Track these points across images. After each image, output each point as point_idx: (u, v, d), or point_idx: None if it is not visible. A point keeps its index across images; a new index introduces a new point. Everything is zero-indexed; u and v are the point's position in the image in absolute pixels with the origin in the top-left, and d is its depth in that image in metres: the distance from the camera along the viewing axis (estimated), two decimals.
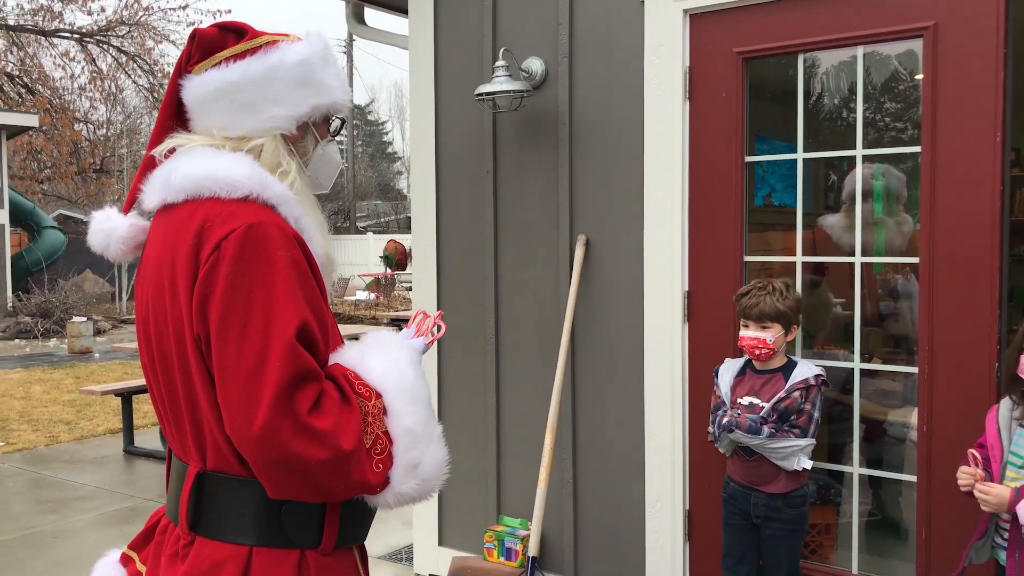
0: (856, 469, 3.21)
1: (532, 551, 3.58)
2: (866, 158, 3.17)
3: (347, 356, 1.47)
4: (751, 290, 2.96)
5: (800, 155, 3.21)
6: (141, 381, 7.37)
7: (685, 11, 3.30)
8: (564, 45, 3.59)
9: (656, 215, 3.39)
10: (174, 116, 1.58)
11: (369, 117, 41.05)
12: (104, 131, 23.93)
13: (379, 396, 1.43)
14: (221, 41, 1.55)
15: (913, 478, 3.03)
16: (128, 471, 6.39)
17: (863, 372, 3.19)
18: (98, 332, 14.80)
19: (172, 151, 1.53)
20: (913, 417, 3.51)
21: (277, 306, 1.34)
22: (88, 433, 7.55)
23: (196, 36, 1.55)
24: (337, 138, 1.68)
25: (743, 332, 2.96)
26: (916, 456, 3.04)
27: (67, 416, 8.21)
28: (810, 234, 3.73)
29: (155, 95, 22.44)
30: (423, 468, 1.45)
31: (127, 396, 6.94)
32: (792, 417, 2.85)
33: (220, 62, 1.52)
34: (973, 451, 2.43)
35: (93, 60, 22.08)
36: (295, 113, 1.53)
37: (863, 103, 3.08)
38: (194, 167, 1.45)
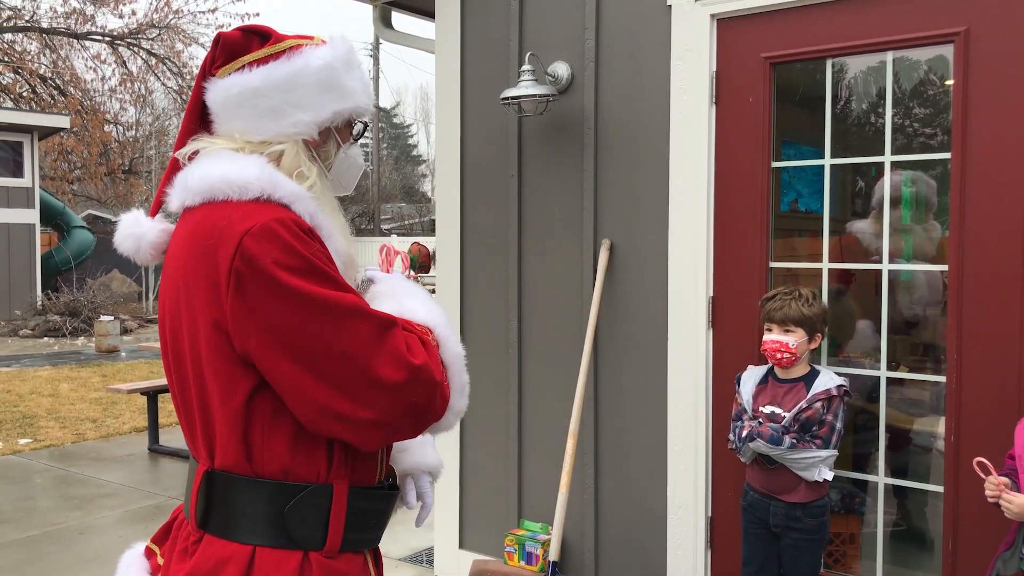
0: (881, 479, 3.17)
1: (553, 556, 3.58)
2: (895, 164, 3.14)
3: (388, 306, 1.53)
4: (777, 294, 2.95)
5: (828, 161, 3.18)
6: (166, 380, 7.44)
7: (712, 16, 3.29)
8: (590, 49, 3.59)
9: (681, 220, 3.38)
10: (199, 119, 1.59)
11: (395, 120, 41.25)
12: (133, 132, 24.23)
13: (430, 331, 1.52)
14: (245, 45, 1.54)
15: (939, 488, 2.99)
16: (153, 469, 6.46)
17: (889, 381, 3.15)
18: (125, 331, 14.97)
19: (195, 154, 1.55)
20: (940, 426, 3.47)
21: (321, 287, 1.37)
22: (114, 431, 7.63)
23: (220, 39, 1.55)
24: (360, 141, 1.68)
25: (766, 336, 2.94)
26: (942, 466, 3.00)
27: (94, 414, 8.31)
28: (837, 240, 3.69)
29: (183, 97, 22.70)
30: (468, 388, 1.58)
31: (152, 395, 7.01)
32: (814, 428, 2.83)
33: (243, 66, 1.52)
34: (981, 460, 2.41)
35: (123, 62, 22.38)
36: (317, 119, 1.53)
37: (892, 109, 3.05)
38: (209, 170, 1.46)
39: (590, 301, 3.57)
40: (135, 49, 22.32)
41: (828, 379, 2.89)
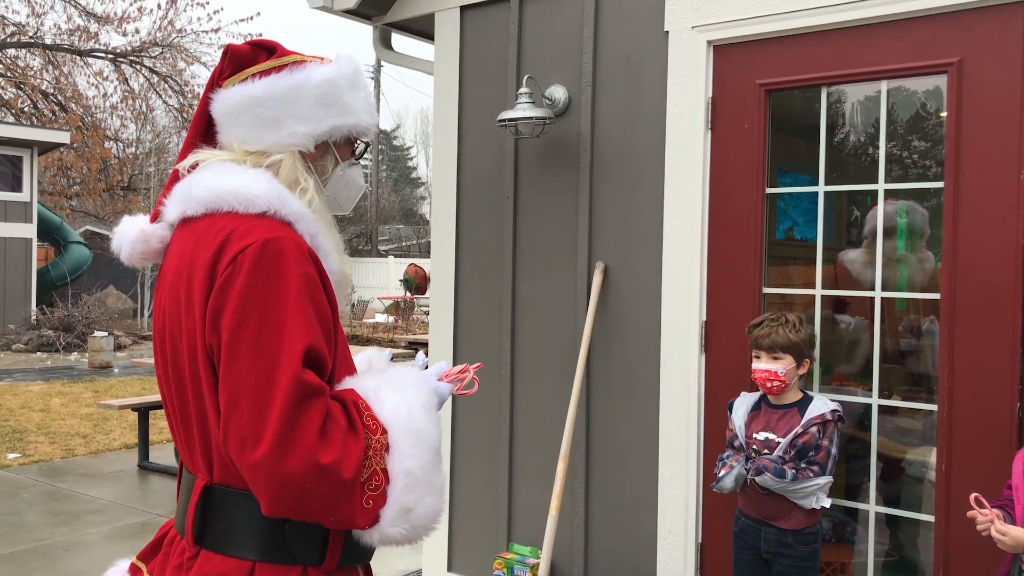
0: (872, 507, 3.16)
1: None
2: (889, 193, 3.15)
3: (362, 384, 1.46)
4: (764, 321, 2.95)
5: (822, 188, 3.20)
6: (158, 397, 7.40)
7: (709, 42, 3.32)
8: (587, 73, 3.61)
9: (675, 244, 3.38)
10: (203, 130, 1.62)
11: (395, 142, 41.43)
12: (133, 149, 24.30)
13: (385, 432, 1.41)
14: (252, 57, 1.58)
15: (930, 518, 2.97)
16: (142, 486, 6.41)
17: (881, 409, 3.15)
18: (119, 347, 14.92)
19: (195, 166, 1.56)
20: (931, 456, 3.46)
21: (288, 323, 1.34)
22: (104, 447, 7.59)
23: (229, 52, 1.59)
24: (361, 161, 1.69)
25: (755, 364, 2.93)
26: (932, 495, 2.98)
27: (84, 430, 8.26)
28: (831, 269, 3.70)
29: (184, 115, 22.79)
30: (416, 515, 1.41)
31: (144, 411, 6.97)
32: (811, 453, 2.82)
33: (248, 77, 1.55)
34: (977, 495, 2.40)
35: (126, 80, 22.49)
36: (314, 131, 1.55)
37: (886, 138, 3.07)
38: (215, 181, 1.47)
39: (583, 324, 3.56)
40: (137, 67, 22.45)
41: (822, 404, 2.88)
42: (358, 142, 1.66)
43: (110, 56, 22.08)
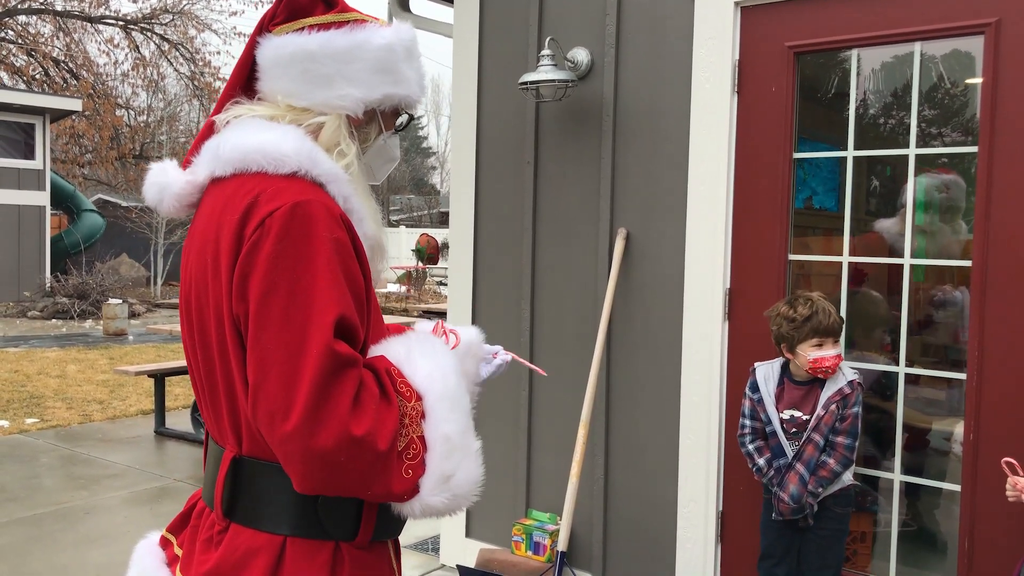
0: (897, 476, 3.13)
1: (561, 546, 3.54)
2: (920, 158, 3.09)
3: (393, 350, 1.40)
4: (817, 308, 2.80)
5: (851, 153, 3.14)
6: (174, 363, 7.43)
7: (736, 3, 3.24)
8: (611, 35, 3.54)
9: (699, 210, 3.33)
10: (244, 78, 1.52)
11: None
12: (145, 117, 24.25)
13: (420, 399, 1.36)
14: (309, 7, 1.49)
15: (955, 487, 2.95)
16: (159, 451, 6.45)
17: (906, 380, 3.11)
18: (133, 315, 14.98)
19: (228, 123, 1.49)
20: (957, 428, 3.42)
21: (318, 292, 1.27)
22: (120, 413, 7.63)
23: None
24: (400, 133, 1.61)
25: (820, 353, 2.80)
26: (958, 466, 2.95)
27: (100, 396, 8.31)
28: (860, 239, 3.65)
29: (195, 83, 22.70)
30: (456, 481, 1.36)
31: (160, 377, 7.00)
32: (836, 424, 2.80)
33: (303, 28, 1.46)
34: (1010, 460, 2.36)
35: (137, 47, 22.39)
36: (367, 97, 1.47)
37: (919, 103, 3.00)
38: (243, 139, 1.40)
39: (605, 291, 3.53)
40: (148, 34, 22.33)
41: (840, 376, 2.85)
42: (403, 113, 1.57)
43: (121, 23, 21.96)
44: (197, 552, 1.43)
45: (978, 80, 2.89)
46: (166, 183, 1.51)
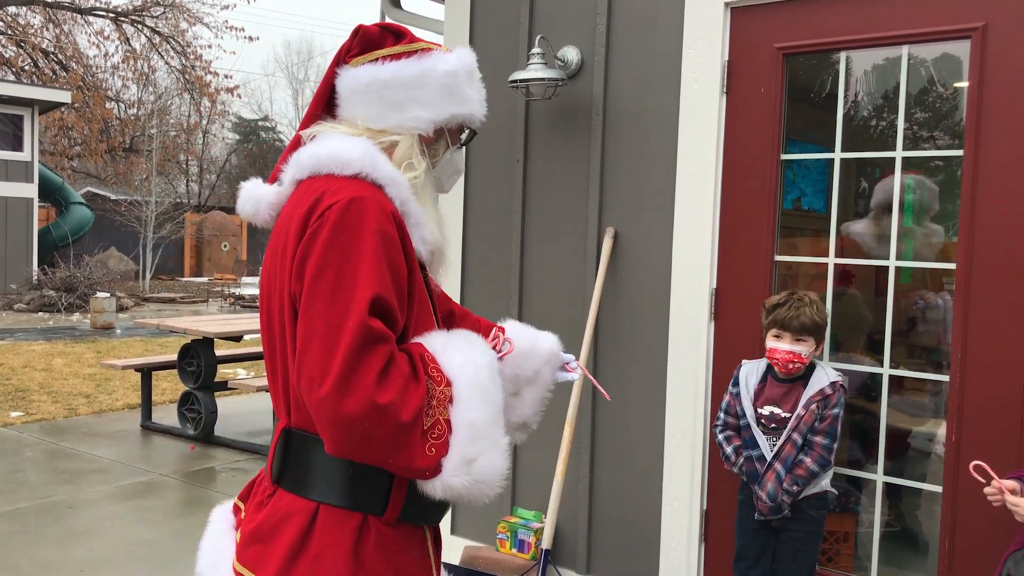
0: (880, 477, 3.15)
1: (546, 544, 3.55)
2: (906, 161, 3.10)
3: (431, 340, 1.53)
4: (788, 301, 2.86)
5: (838, 154, 3.15)
6: (161, 357, 7.41)
7: (726, 4, 3.25)
8: (601, 34, 3.55)
9: (687, 209, 3.34)
10: (325, 102, 1.70)
11: None
12: (135, 110, 24.14)
13: (449, 384, 1.48)
14: (381, 40, 1.67)
15: (936, 488, 2.97)
16: (145, 446, 6.43)
17: (889, 382, 3.12)
18: (121, 309, 14.92)
19: (313, 137, 1.66)
20: (938, 428, 3.45)
21: (361, 274, 1.42)
22: (107, 407, 7.60)
23: (360, 32, 1.67)
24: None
25: (776, 344, 2.87)
26: (940, 467, 2.97)
27: (87, 389, 8.27)
28: (839, 240, 3.67)
29: (187, 76, 22.60)
30: (478, 467, 1.45)
31: (147, 372, 6.98)
32: (816, 424, 2.82)
33: (377, 59, 1.64)
34: (979, 463, 2.39)
35: (127, 39, 22.27)
36: (436, 118, 1.64)
37: (905, 106, 3.02)
38: (320, 148, 1.57)
39: (592, 289, 3.53)
40: (139, 27, 22.22)
41: (823, 376, 2.86)
42: (467, 129, 1.75)
43: (111, 15, 21.84)
44: (248, 513, 1.61)
45: (965, 84, 2.91)
46: (260, 196, 1.69)
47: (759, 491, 2.86)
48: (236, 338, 7.01)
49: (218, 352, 6.99)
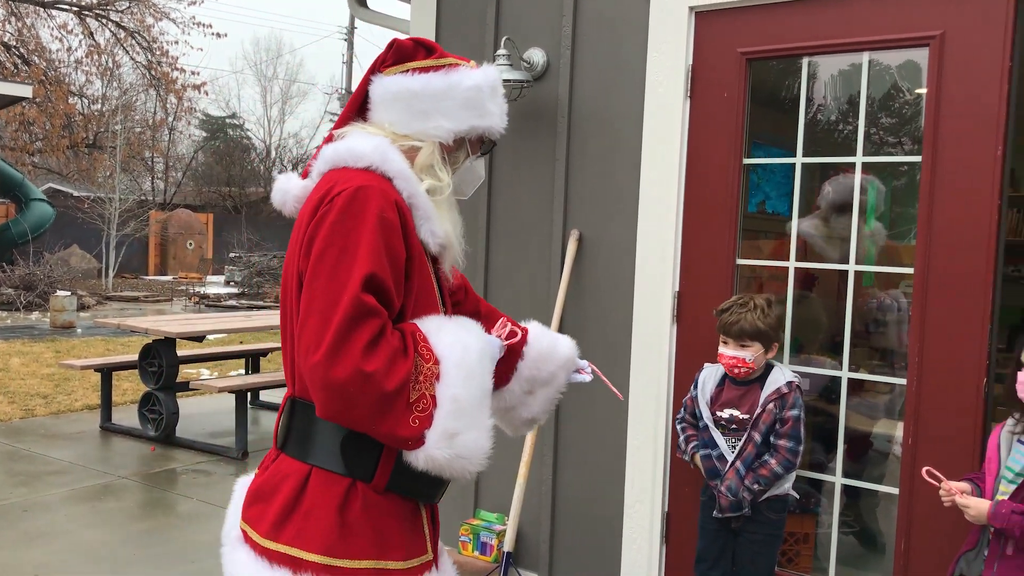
0: (839, 479, 3.18)
1: (507, 546, 3.55)
2: (866, 166, 3.14)
3: (427, 322, 1.64)
4: (732, 306, 2.89)
5: (799, 159, 3.18)
6: (122, 357, 7.29)
7: (691, 8, 3.27)
8: (567, 37, 3.55)
9: (651, 212, 3.36)
10: (359, 106, 1.84)
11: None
12: (99, 106, 23.76)
13: (438, 362, 1.58)
14: (413, 53, 1.81)
15: (895, 490, 3.01)
16: (104, 447, 6.32)
17: (848, 385, 3.16)
18: (82, 307, 14.67)
19: (342, 137, 1.78)
20: (896, 430, 3.49)
21: (360, 254, 1.54)
22: (65, 408, 7.46)
23: (394, 45, 1.81)
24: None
25: (722, 349, 2.91)
26: (897, 469, 3.01)
27: (45, 390, 8.12)
28: (802, 241, 3.70)
29: (152, 72, 22.30)
30: (460, 441, 1.55)
31: (107, 372, 6.86)
32: (777, 427, 2.83)
33: (408, 70, 1.78)
34: (929, 469, 2.44)
35: (91, 34, 21.92)
36: (457, 128, 1.77)
37: (866, 111, 3.05)
38: (340, 144, 1.72)
39: (557, 291, 3.54)
40: (103, 21, 21.88)
41: (780, 376, 2.88)
42: (487, 140, 1.87)
43: (75, 9, 21.48)
44: (255, 477, 1.74)
45: (924, 91, 2.95)
46: (288, 188, 1.82)
47: (720, 486, 2.88)
48: (198, 338, 6.92)
49: (181, 352, 6.90)
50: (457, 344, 1.61)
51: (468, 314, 1.83)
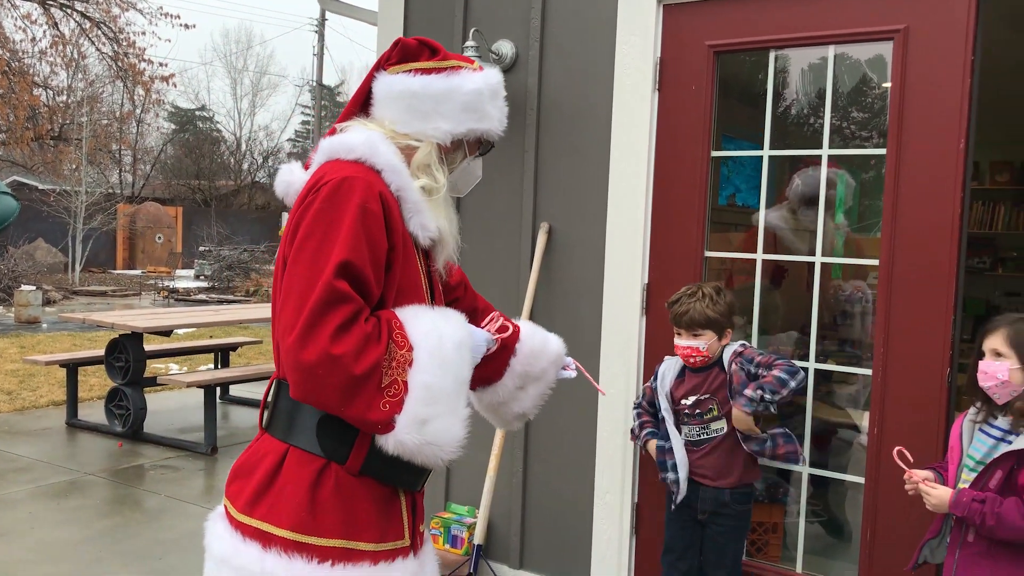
0: (806, 469, 3.21)
1: (478, 539, 3.54)
2: (832, 159, 3.16)
3: (406, 311, 1.67)
4: (681, 297, 2.90)
5: (767, 152, 3.20)
6: (88, 353, 7.19)
7: (659, 1, 3.27)
8: (536, 29, 3.54)
9: (620, 205, 3.36)
10: (362, 101, 1.87)
11: (339, 99, 40.66)
12: (64, 97, 23.37)
13: (411, 349, 1.60)
14: (417, 53, 1.84)
15: (861, 479, 3.04)
16: (70, 444, 6.23)
17: (818, 376, 3.18)
18: (48, 302, 14.46)
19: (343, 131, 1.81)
20: (863, 420, 3.53)
21: (340, 241, 1.57)
22: (30, 404, 7.35)
23: (399, 44, 1.85)
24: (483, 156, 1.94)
25: (677, 340, 2.92)
26: (863, 458, 3.04)
27: (8, 386, 7.99)
28: (770, 234, 3.72)
29: (119, 64, 21.96)
30: (431, 428, 1.58)
31: (73, 367, 6.76)
32: (752, 369, 2.81)
33: (411, 70, 1.81)
34: (900, 449, 2.46)
35: (55, 24, 21.52)
36: (455, 130, 1.80)
37: (832, 105, 3.07)
38: (336, 137, 1.74)
39: (527, 284, 3.53)
40: (68, 11, 21.50)
41: (730, 345, 2.92)
42: (485, 142, 1.90)
43: None
44: (241, 455, 1.77)
45: (888, 84, 2.97)
46: (291, 179, 1.85)
47: (668, 475, 2.91)
48: (166, 333, 6.84)
49: (149, 347, 6.81)
50: (433, 332, 1.63)
51: (465, 310, 1.86)
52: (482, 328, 1.88)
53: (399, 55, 1.85)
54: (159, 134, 31.58)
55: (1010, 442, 2.27)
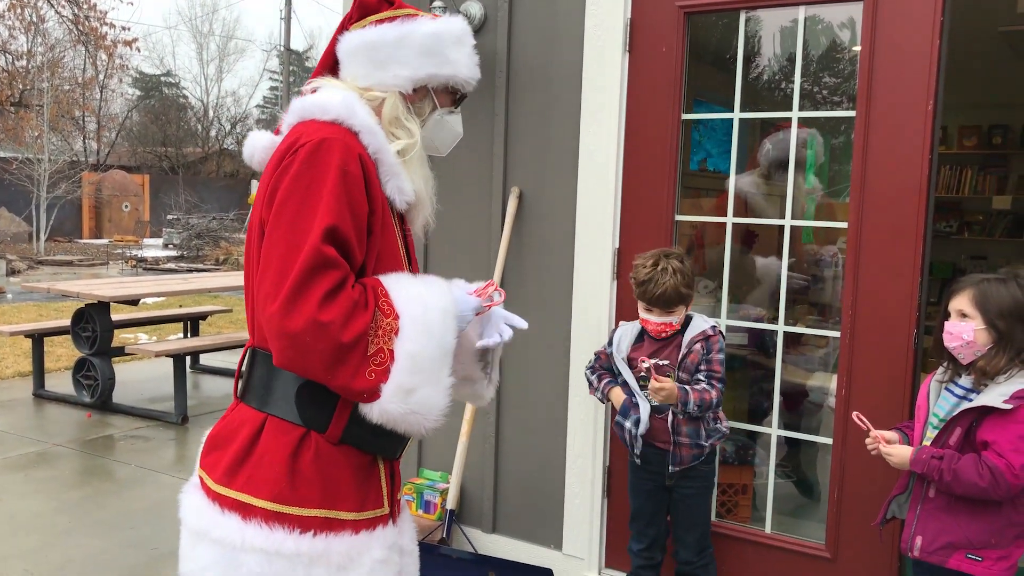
0: (775, 431, 3.24)
1: (451, 504, 3.55)
2: (802, 121, 3.16)
3: (391, 278, 1.65)
4: (652, 275, 2.79)
5: (737, 114, 3.18)
6: (55, 323, 7.08)
7: None
8: None
9: (590, 169, 3.34)
10: (329, 65, 1.88)
11: (307, 64, 40.08)
12: (24, 62, 22.80)
13: (397, 317, 1.58)
14: (376, 7, 1.84)
15: (828, 440, 3.07)
16: (37, 415, 6.16)
17: (785, 339, 3.20)
18: (12, 272, 14.22)
19: (314, 90, 1.79)
20: (831, 383, 3.57)
21: (322, 205, 1.55)
22: None
23: (357, 1, 1.85)
24: (459, 109, 1.92)
25: (647, 316, 2.85)
26: (830, 420, 3.08)
27: None
28: (742, 199, 3.72)
29: (79, 27, 21.44)
30: (415, 398, 1.57)
31: (39, 338, 6.66)
32: (703, 367, 2.81)
33: (369, 24, 1.81)
34: (858, 414, 2.50)
35: None
36: (413, 75, 1.79)
37: (802, 67, 3.06)
38: (309, 98, 1.73)
39: (497, 249, 3.51)
40: None
41: (702, 322, 2.87)
42: (459, 92, 1.88)
43: None
44: (215, 425, 1.75)
45: (859, 48, 2.96)
46: (257, 142, 1.83)
47: (626, 422, 2.89)
48: (133, 302, 6.75)
49: (116, 316, 6.72)
50: (418, 300, 1.61)
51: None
52: (471, 293, 1.84)
53: (359, 12, 1.84)
54: (124, 100, 30.98)
55: (971, 400, 2.31)
